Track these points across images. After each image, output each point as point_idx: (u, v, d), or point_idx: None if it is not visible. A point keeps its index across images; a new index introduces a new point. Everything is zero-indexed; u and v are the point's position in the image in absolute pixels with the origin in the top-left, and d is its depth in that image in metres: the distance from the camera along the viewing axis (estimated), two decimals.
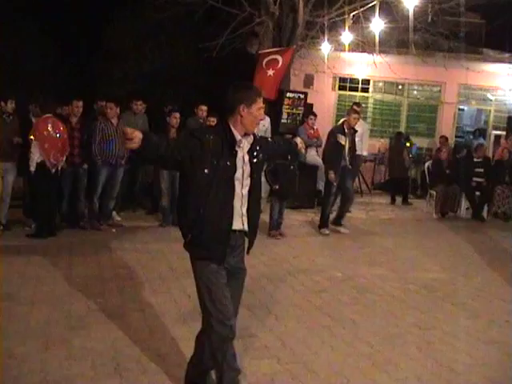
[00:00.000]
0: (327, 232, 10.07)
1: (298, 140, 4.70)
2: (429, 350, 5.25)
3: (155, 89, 18.21)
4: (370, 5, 12.02)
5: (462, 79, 16.60)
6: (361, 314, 6.15)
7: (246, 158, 3.89)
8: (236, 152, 3.82)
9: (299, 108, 13.02)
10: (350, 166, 10.14)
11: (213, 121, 9.80)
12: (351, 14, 12.34)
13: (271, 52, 11.61)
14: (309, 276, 7.44)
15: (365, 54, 14.21)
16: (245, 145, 3.90)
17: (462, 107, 18.17)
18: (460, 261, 8.83)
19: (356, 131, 10.24)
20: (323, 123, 14.40)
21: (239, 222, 3.91)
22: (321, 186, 12.43)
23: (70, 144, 9.19)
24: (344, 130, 9.95)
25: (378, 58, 14.20)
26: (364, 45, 13.49)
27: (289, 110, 12.83)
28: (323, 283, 7.21)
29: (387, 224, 11.41)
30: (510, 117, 15.90)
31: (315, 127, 12.54)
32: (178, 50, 19.23)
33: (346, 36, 12.35)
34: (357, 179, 13.64)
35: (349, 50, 13.21)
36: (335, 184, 9.98)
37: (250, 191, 3.93)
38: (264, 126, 11.18)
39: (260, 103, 3.85)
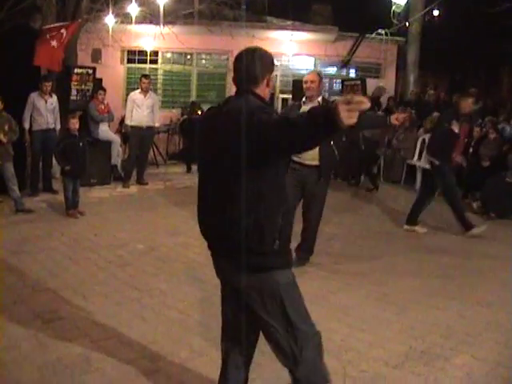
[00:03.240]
0: (483, 228, 8.82)
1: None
2: None
3: None
4: None
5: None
6: (167, 283, 6.28)
7: None
8: None
9: (88, 84, 12.69)
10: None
11: None
12: None
13: (56, 27, 11.17)
14: (111, 251, 7.42)
15: (152, 26, 14.16)
16: None
17: None
18: None
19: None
20: (113, 97, 14.26)
21: None
22: (116, 161, 12.36)
23: None
24: (458, 116, 8.83)
25: (166, 30, 14.24)
26: (151, 16, 13.43)
27: (78, 87, 12.48)
28: (126, 257, 7.23)
29: (185, 193, 11.54)
30: (294, 80, 16.65)
31: (105, 102, 12.39)
32: None
33: (133, 8, 12.20)
34: (151, 151, 13.68)
35: (136, 23, 13.08)
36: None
37: None
38: (52, 104, 10.79)
39: None
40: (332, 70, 19.30)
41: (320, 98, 6.75)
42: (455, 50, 23.13)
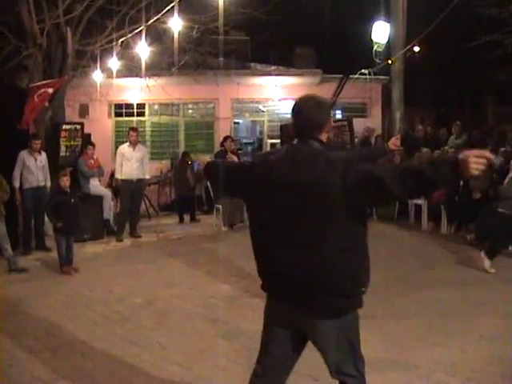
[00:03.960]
0: (492, 271, 8.59)
1: None
2: (237, 358, 5.44)
3: None
4: (137, 31, 12.09)
5: (234, 94, 17.35)
6: (166, 336, 6.20)
7: None
8: None
9: (77, 139, 12.75)
10: None
11: None
12: (120, 41, 12.32)
13: (43, 85, 11.24)
14: (108, 307, 7.34)
15: (138, 79, 14.30)
16: None
17: (237, 121, 18.90)
18: (252, 269, 9.07)
19: None
20: (102, 151, 14.29)
21: None
22: (108, 215, 12.33)
23: None
24: None
25: (151, 82, 14.35)
26: (136, 69, 13.54)
27: (67, 143, 12.52)
28: (124, 312, 7.15)
29: (179, 243, 11.54)
30: (281, 125, 16.74)
31: (95, 157, 12.43)
32: None
33: (114, 62, 12.32)
34: (143, 203, 13.64)
35: (121, 76, 13.19)
36: None
37: None
38: (41, 162, 10.79)
39: None
40: None
41: None
42: (438, 83, 23.43)
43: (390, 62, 17.37)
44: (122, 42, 12.54)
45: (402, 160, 13.19)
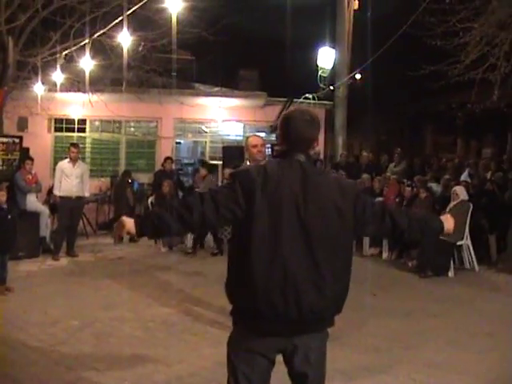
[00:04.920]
0: None
1: None
2: None
3: None
4: (83, 43, 11.89)
5: (177, 114, 17.24)
6: (105, 361, 5.94)
7: None
8: None
9: (15, 153, 12.41)
10: None
11: None
12: (63, 53, 12.08)
13: None
14: (43, 329, 6.99)
15: (80, 94, 14.04)
16: None
17: (178, 141, 18.75)
18: (192, 292, 8.95)
19: None
20: (41, 167, 13.97)
21: None
22: (45, 233, 11.97)
23: None
24: None
25: (94, 97, 14.10)
26: (79, 84, 13.30)
27: (4, 156, 12.17)
28: (60, 335, 6.83)
29: (117, 264, 11.26)
30: (224, 147, 16.67)
31: (33, 172, 12.08)
32: None
33: (58, 75, 12.06)
34: (81, 221, 13.31)
35: (63, 90, 12.93)
36: None
37: None
38: None
39: None
40: (261, 135, 19.39)
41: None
42: (380, 110, 23.80)
43: (332, 87, 17.57)
44: (66, 54, 12.29)
45: None
